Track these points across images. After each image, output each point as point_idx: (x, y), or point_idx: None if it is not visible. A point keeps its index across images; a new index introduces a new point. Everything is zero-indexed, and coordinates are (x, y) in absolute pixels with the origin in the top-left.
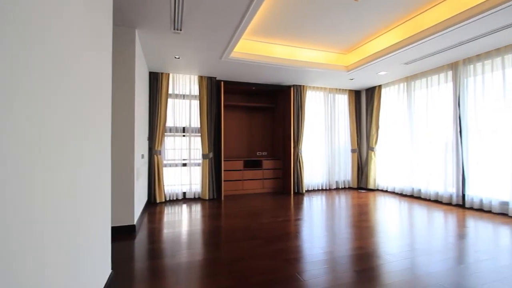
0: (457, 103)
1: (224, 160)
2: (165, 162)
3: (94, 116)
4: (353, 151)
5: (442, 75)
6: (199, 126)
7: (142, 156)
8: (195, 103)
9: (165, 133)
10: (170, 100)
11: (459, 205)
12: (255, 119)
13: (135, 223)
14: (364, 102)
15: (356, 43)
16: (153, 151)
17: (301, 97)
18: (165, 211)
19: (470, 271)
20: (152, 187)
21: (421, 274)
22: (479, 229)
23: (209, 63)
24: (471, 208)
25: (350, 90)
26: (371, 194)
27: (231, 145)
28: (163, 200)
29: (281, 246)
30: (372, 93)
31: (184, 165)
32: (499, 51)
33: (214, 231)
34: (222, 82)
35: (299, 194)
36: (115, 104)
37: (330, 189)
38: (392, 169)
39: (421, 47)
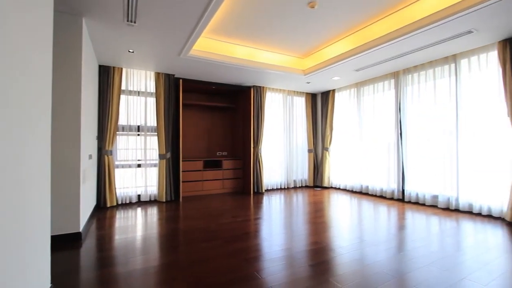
0: (398, 109)
1: (182, 161)
2: (117, 163)
3: (29, 110)
4: (309, 151)
5: (386, 83)
6: (155, 125)
7: (90, 156)
8: (151, 101)
9: (118, 132)
10: (123, 97)
11: (400, 199)
12: (215, 119)
13: (81, 230)
14: (319, 104)
15: (312, 48)
16: (103, 151)
17: (261, 98)
18: (117, 216)
19: (408, 257)
20: (102, 190)
21: (368, 263)
22: (415, 220)
23: (167, 60)
24: (409, 202)
25: (307, 93)
26: (325, 191)
27: (190, 145)
28: (115, 204)
29: (240, 246)
30: (327, 96)
31: (139, 166)
32: (431, 64)
33: (172, 234)
34: (180, 80)
35: (259, 193)
36: (58, 99)
37: (288, 188)
38: (344, 168)
39: (369, 55)
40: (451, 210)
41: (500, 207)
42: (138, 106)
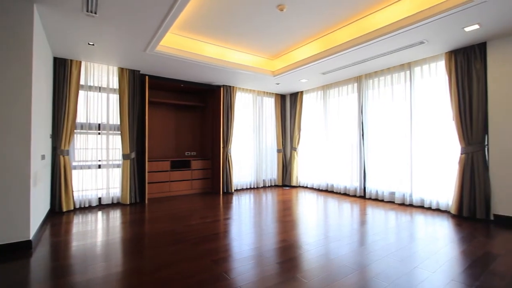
0: (361, 111)
1: (148, 161)
2: (74, 163)
3: None
4: (278, 151)
5: (350, 86)
6: (119, 123)
7: (43, 157)
8: (114, 98)
9: (76, 131)
10: (82, 93)
11: (362, 196)
12: (184, 118)
13: (31, 238)
14: (288, 105)
15: (282, 50)
16: (59, 151)
17: (231, 97)
18: (75, 221)
19: (368, 250)
20: (57, 194)
21: (333, 258)
22: (375, 215)
23: (132, 55)
24: (370, 198)
25: (276, 94)
26: (294, 190)
27: (157, 144)
28: (72, 208)
29: (209, 247)
30: (295, 98)
31: (99, 167)
32: (389, 70)
33: (136, 239)
34: (147, 77)
35: (228, 193)
36: (4, 94)
37: (257, 188)
38: (311, 168)
39: (334, 60)
40: (406, 205)
41: (447, 202)
42: (99, 103)
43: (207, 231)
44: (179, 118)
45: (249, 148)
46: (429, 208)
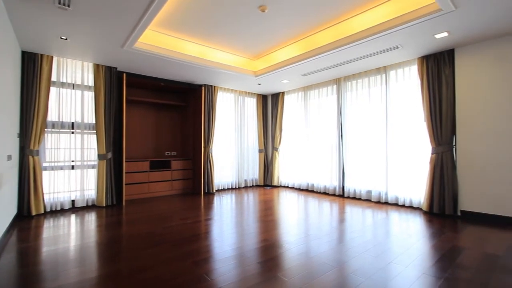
0: (339, 112)
1: (126, 161)
2: (45, 164)
3: None
4: (260, 151)
5: (329, 88)
6: (94, 122)
7: (9, 157)
8: (89, 95)
9: (46, 129)
10: (54, 89)
11: (341, 195)
12: (164, 117)
13: None
14: (270, 106)
15: (263, 50)
16: (27, 151)
17: (212, 97)
18: (45, 225)
19: (346, 247)
20: (25, 197)
21: (313, 256)
22: (353, 213)
23: (109, 51)
24: (348, 197)
25: (258, 94)
26: (275, 190)
27: (136, 144)
28: (42, 212)
29: (189, 249)
30: (277, 98)
31: (73, 167)
32: (367, 73)
33: (112, 242)
34: (124, 74)
35: (210, 194)
36: None
37: (239, 188)
38: (292, 167)
39: (314, 62)
40: (382, 203)
41: (419, 199)
42: (73, 101)
43: (188, 232)
44: (159, 117)
45: (230, 148)
46: (403, 206)
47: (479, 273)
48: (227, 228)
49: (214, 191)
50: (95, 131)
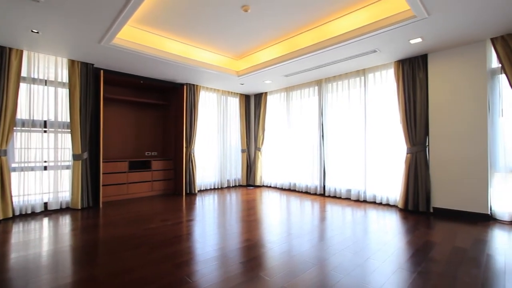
0: (321, 113)
1: (103, 162)
2: (14, 165)
3: None
4: (243, 151)
5: (311, 89)
6: (69, 120)
7: None
8: (64, 92)
9: (15, 128)
10: (24, 85)
11: (322, 194)
12: (144, 116)
13: None
14: (253, 106)
15: (246, 50)
16: None
17: (194, 96)
18: (14, 230)
19: (327, 245)
20: None
21: (295, 254)
22: (333, 212)
23: (85, 47)
24: (329, 196)
25: (241, 94)
26: (258, 190)
27: (114, 144)
28: (11, 216)
29: (170, 251)
30: (259, 98)
31: (46, 168)
32: (347, 75)
33: (88, 246)
34: (102, 71)
35: (192, 194)
36: None
37: (222, 188)
38: (274, 167)
39: (296, 63)
40: (361, 201)
41: (395, 197)
42: (45, 98)
43: (169, 234)
44: (139, 116)
45: (213, 148)
46: (380, 204)
47: (449, 266)
48: (209, 229)
49: (196, 191)
50: (69, 130)
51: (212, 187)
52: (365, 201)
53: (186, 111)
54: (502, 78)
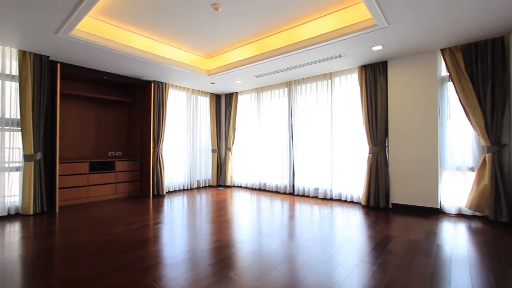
0: (290, 114)
1: (60, 163)
2: None
3: None
4: (213, 151)
5: (281, 90)
6: (19, 117)
7: None
8: (12, 86)
9: None
10: None
11: (291, 193)
12: (108, 114)
13: None
14: (224, 105)
15: (217, 50)
16: None
17: (162, 94)
18: None
19: (296, 243)
20: None
21: (264, 253)
22: (302, 210)
23: (38, 37)
24: (298, 195)
25: (211, 94)
26: (228, 190)
27: (73, 143)
28: None
29: (136, 256)
30: (230, 98)
31: None
32: (315, 78)
33: (43, 254)
34: (58, 64)
35: (160, 196)
36: None
37: (191, 189)
38: (245, 167)
39: (266, 64)
40: (328, 199)
41: (358, 195)
42: None
43: (134, 238)
44: (102, 114)
45: (182, 148)
46: (346, 201)
47: (405, 257)
48: (178, 231)
49: (165, 193)
50: (20, 128)
51: (182, 188)
52: (331, 199)
53: (154, 110)
54: (450, 85)
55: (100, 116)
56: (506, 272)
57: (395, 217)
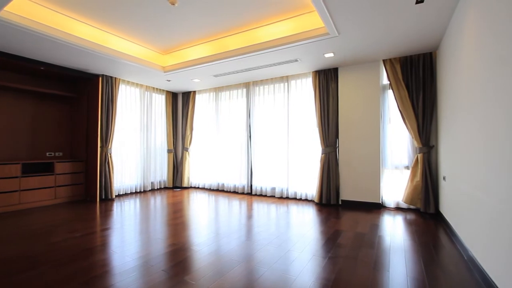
0: (249, 115)
1: None
2: None
3: None
4: (169, 151)
5: (240, 91)
6: None
7: None
8: None
9: None
10: None
11: (249, 193)
12: (46, 109)
13: None
14: (181, 104)
15: (173, 46)
16: None
17: (112, 90)
18: None
19: (253, 242)
20: None
21: (222, 254)
22: (260, 209)
23: None
24: (256, 194)
25: (167, 91)
26: (185, 191)
27: (1, 142)
28: None
29: (80, 266)
30: (188, 97)
31: None
32: (272, 80)
33: None
34: None
35: (108, 200)
36: None
37: (145, 191)
38: (203, 168)
39: (224, 64)
40: (284, 198)
41: (312, 193)
42: None
43: (77, 247)
44: (39, 109)
45: (135, 148)
46: (301, 199)
47: (352, 249)
48: (129, 237)
49: (114, 196)
50: None
51: (134, 191)
52: (287, 198)
53: (102, 106)
54: (390, 92)
55: (37, 112)
56: (432, 257)
57: (344, 212)
